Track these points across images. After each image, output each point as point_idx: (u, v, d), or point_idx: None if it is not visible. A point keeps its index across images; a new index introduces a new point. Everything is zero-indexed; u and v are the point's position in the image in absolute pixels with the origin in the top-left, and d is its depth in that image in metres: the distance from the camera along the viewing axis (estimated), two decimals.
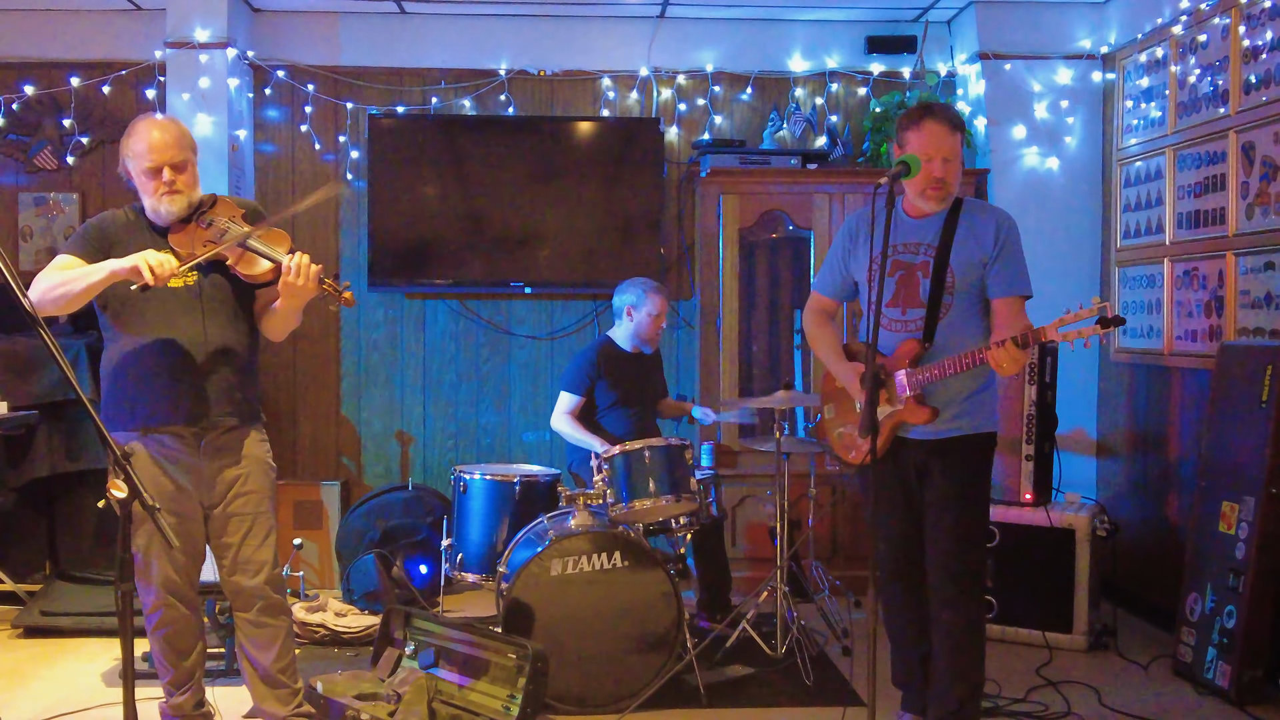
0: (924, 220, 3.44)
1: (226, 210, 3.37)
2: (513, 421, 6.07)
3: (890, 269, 3.44)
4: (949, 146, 3.33)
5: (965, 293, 3.38)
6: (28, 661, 4.50)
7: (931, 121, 3.34)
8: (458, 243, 5.82)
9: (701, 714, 3.94)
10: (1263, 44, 4.36)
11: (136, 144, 3.25)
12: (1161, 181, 5.04)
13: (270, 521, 3.43)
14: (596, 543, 3.95)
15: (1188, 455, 4.82)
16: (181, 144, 3.29)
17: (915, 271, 3.42)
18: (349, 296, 3.27)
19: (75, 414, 5.18)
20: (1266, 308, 4.32)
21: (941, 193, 3.37)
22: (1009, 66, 5.65)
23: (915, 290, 3.42)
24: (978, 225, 3.39)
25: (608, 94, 5.99)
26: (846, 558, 5.54)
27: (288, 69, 5.87)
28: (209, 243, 3.26)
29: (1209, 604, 4.20)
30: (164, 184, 3.24)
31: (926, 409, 3.36)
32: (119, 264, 3.12)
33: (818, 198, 5.62)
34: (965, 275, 3.38)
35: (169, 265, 3.11)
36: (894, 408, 3.40)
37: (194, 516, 3.34)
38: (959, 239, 3.38)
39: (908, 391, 3.37)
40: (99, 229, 3.33)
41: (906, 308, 3.43)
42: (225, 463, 3.35)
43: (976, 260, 3.37)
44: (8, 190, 5.86)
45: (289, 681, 3.47)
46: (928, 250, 3.41)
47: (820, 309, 3.72)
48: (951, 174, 3.36)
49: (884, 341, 3.41)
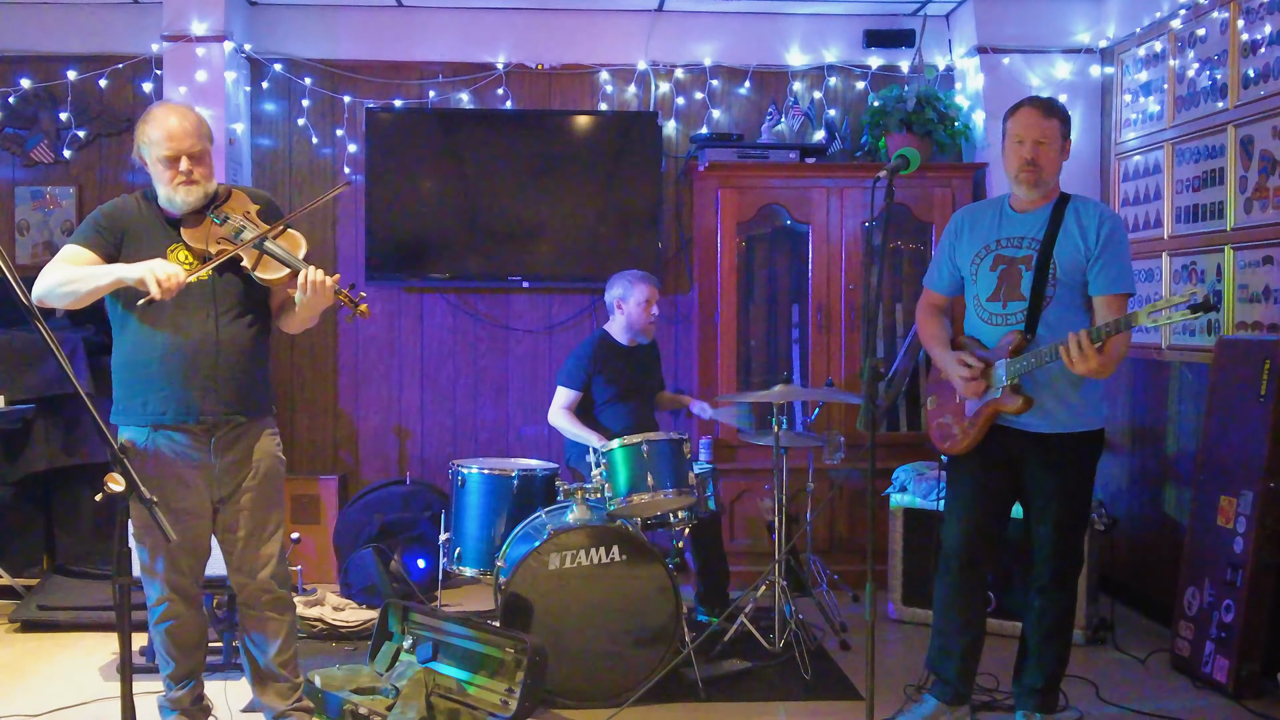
0: (1028, 214, 3.50)
1: (241, 205, 3.34)
2: (510, 416, 6.07)
3: (993, 264, 3.52)
4: (1038, 130, 3.42)
5: (1068, 286, 3.42)
6: (25, 656, 4.49)
7: (1027, 107, 3.48)
8: (455, 237, 5.81)
9: (699, 708, 3.94)
10: (1261, 38, 4.35)
11: (154, 131, 3.20)
12: (1160, 175, 5.04)
13: (278, 517, 3.42)
14: (594, 537, 3.95)
15: (1186, 450, 4.82)
16: (200, 133, 3.24)
17: (1018, 265, 3.47)
18: (365, 309, 3.26)
19: (73, 408, 5.17)
20: (1265, 302, 4.32)
21: (1034, 176, 3.44)
22: (1007, 60, 5.65)
23: (1017, 284, 3.46)
24: (1083, 220, 3.43)
25: (605, 88, 5.99)
26: (845, 552, 5.54)
27: (285, 62, 5.86)
28: (223, 240, 3.23)
29: (1207, 598, 4.20)
30: (181, 174, 3.20)
31: (1020, 398, 3.40)
32: (127, 272, 3.10)
33: (816, 192, 5.61)
34: (1068, 270, 3.41)
35: (177, 278, 3.07)
36: (991, 396, 3.46)
37: (202, 513, 3.32)
38: (1064, 232, 3.42)
39: (1005, 381, 3.41)
40: (110, 217, 3.28)
41: (1008, 301, 3.48)
42: (235, 458, 3.33)
43: (1080, 255, 3.41)
44: (4, 184, 5.85)
45: (290, 676, 3.47)
46: (1031, 244, 3.45)
47: (930, 303, 3.78)
48: (1044, 157, 3.42)
49: (985, 335, 3.52)
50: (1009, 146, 3.51)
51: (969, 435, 3.53)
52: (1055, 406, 3.43)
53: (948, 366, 3.60)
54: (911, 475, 4.99)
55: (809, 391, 5.12)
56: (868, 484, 3.14)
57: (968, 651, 3.63)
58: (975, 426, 3.51)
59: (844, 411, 5.52)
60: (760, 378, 5.93)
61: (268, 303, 3.43)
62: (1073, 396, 3.44)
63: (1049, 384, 3.41)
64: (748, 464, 5.52)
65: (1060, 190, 3.53)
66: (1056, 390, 3.42)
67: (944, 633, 3.68)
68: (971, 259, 3.58)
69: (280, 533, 3.43)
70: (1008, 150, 3.52)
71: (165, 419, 3.23)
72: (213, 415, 3.26)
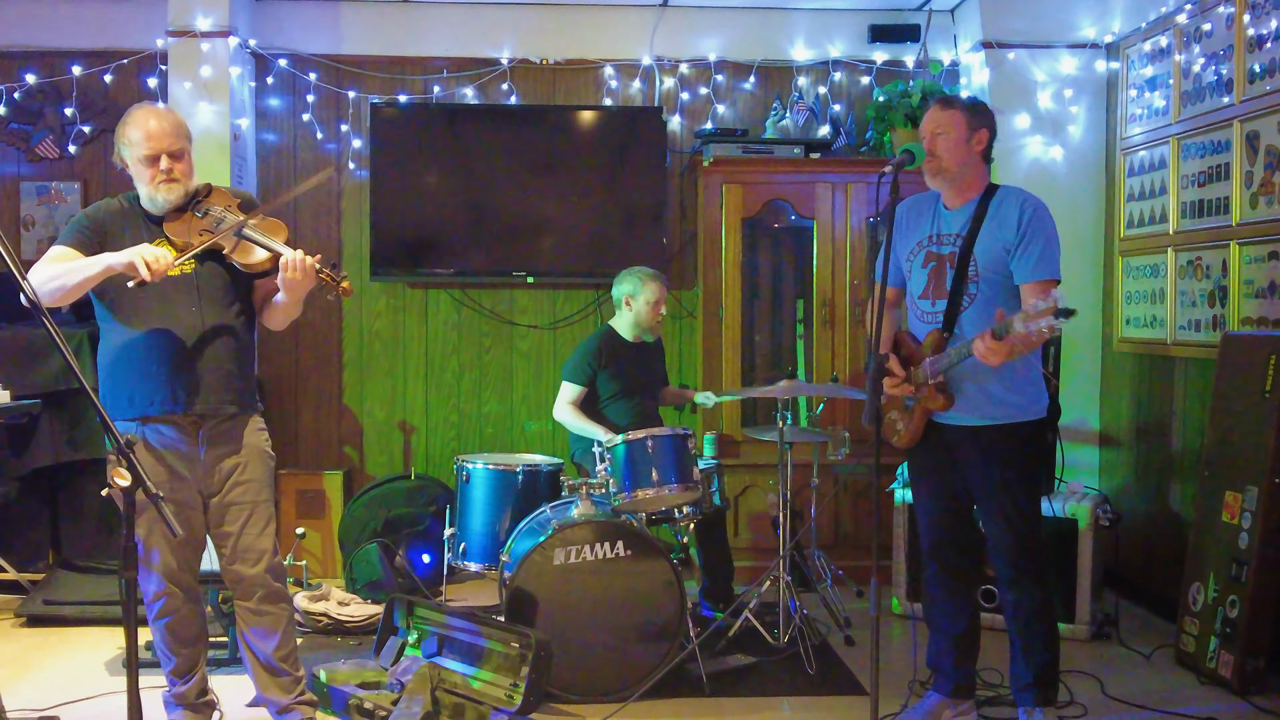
0: (957, 211, 3.49)
1: (222, 199, 3.38)
2: (515, 411, 6.07)
3: (924, 260, 3.52)
4: (933, 122, 3.45)
5: (992, 281, 3.40)
6: (31, 650, 4.51)
7: (930, 106, 3.52)
8: (460, 232, 5.81)
9: (704, 703, 3.94)
10: (1267, 33, 4.34)
11: (133, 132, 3.25)
12: (1165, 171, 5.03)
13: (269, 510, 3.43)
14: (599, 532, 3.95)
15: (1191, 445, 4.82)
16: (178, 133, 3.28)
17: (945, 262, 3.48)
18: (347, 286, 3.28)
19: (78, 403, 5.18)
20: (1270, 297, 4.31)
21: (933, 165, 3.44)
22: (1012, 55, 5.64)
23: (943, 281, 3.47)
24: (1003, 211, 3.41)
25: (610, 83, 5.98)
26: (849, 547, 5.54)
27: (290, 58, 5.86)
28: (205, 231, 3.26)
29: (1212, 594, 4.20)
30: (161, 172, 3.24)
31: (943, 396, 3.42)
32: (115, 258, 3.11)
33: (821, 187, 5.61)
34: (990, 263, 3.40)
35: (165, 260, 3.09)
36: (919, 395, 3.48)
37: (193, 505, 3.34)
38: (986, 227, 3.41)
39: (929, 379, 3.42)
40: (93, 219, 3.32)
41: (935, 299, 3.49)
42: (223, 451, 3.35)
43: (1000, 247, 3.39)
44: (10, 179, 5.86)
45: (291, 669, 3.47)
46: (956, 240, 3.46)
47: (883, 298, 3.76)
48: (941, 146, 3.42)
49: (920, 333, 3.54)
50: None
51: (909, 431, 3.57)
52: (979, 397, 3.43)
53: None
54: None
55: (813, 387, 5.12)
56: (872, 479, 3.14)
57: (960, 643, 3.64)
58: (913, 422, 3.55)
59: (848, 407, 5.52)
60: (764, 373, 5.93)
61: (251, 297, 3.45)
62: (992, 386, 3.41)
63: (971, 377, 3.41)
64: (752, 459, 5.52)
65: (989, 183, 3.51)
66: (977, 381, 3.41)
67: (935, 626, 3.70)
68: (907, 255, 3.60)
69: (272, 526, 3.44)
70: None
71: (152, 410, 3.24)
72: (200, 405, 3.27)
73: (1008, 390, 3.43)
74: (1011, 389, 3.44)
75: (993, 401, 3.43)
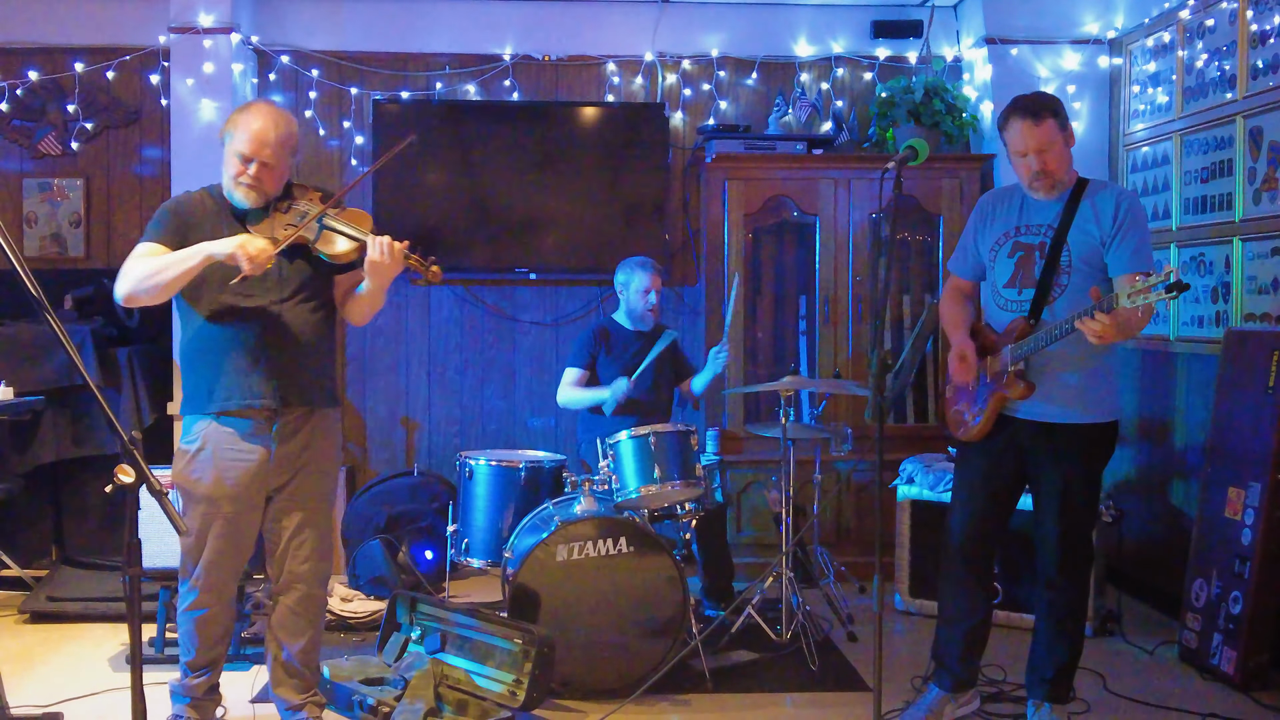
0: (1048, 202, 3.48)
1: (302, 193, 3.38)
2: (518, 407, 6.07)
3: (1011, 250, 3.52)
4: (1035, 139, 3.37)
5: (1084, 272, 3.39)
6: (35, 647, 4.51)
7: (1015, 118, 3.43)
8: (462, 229, 5.81)
9: (707, 699, 3.94)
10: (1270, 29, 4.33)
11: (240, 126, 3.26)
12: (1168, 167, 5.02)
13: (328, 511, 3.44)
14: (602, 528, 3.95)
15: (1193, 441, 4.82)
16: (281, 146, 3.27)
17: (1034, 252, 3.47)
18: (437, 270, 3.32)
19: (82, 400, 5.18)
20: (1273, 293, 4.31)
21: (1047, 182, 3.42)
22: (1015, 51, 5.63)
23: (1031, 270, 3.46)
24: (1099, 204, 3.41)
25: (612, 79, 5.98)
26: (852, 543, 5.54)
27: (292, 54, 5.86)
28: (289, 226, 3.26)
29: (1215, 590, 4.20)
30: (248, 175, 3.24)
31: (1023, 383, 3.40)
32: (216, 248, 3.12)
33: (823, 183, 5.61)
34: (1084, 255, 3.40)
35: (267, 253, 3.10)
36: (998, 385, 3.46)
37: (255, 505, 3.32)
38: (1079, 219, 3.41)
39: (1010, 366, 3.41)
40: (175, 213, 3.30)
41: (1023, 288, 3.48)
42: (295, 447, 3.34)
43: (1095, 239, 3.39)
44: (12, 176, 5.86)
45: (309, 671, 3.47)
46: (1047, 230, 3.45)
47: (955, 288, 3.79)
48: (1051, 162, 3.39)
49: (1000, 322, 3.53)
50: (1012, 159, 3.49)
51: (980, 423, 3.54)
52: (1057, 390, 3.41)
53: (953, 350, 3.63)
54: (919, 467, 4.99)
55: (816, 383, 5.12)
56: (875, 475, 3.14)
57: (970, 638, 3.64)
58: (985, 415, 3.51)
59: (851, 403, 5.52)
60: (767, 369, 5.93)
61: (331, 293, 3.45)
62: (1073, 379, 3.41)
63: (1051, 367, 3.40)
64: (755, 455, 5.52)
65: (1078, 175, 3.50)
66: (1056, 373, 3.41)
67: (947, 619, 3.70)
68: (991, 245, 3.58)
69: (328, 529, 3.44)
70: (1013, 163, 3.50)
71: (230, 404, 3.24)
72: (276, 400, 3.26)
73: (1082, 381, 3.42)
74: (1087, 380, 3.43)
75: (1070, 393, 3.41)
